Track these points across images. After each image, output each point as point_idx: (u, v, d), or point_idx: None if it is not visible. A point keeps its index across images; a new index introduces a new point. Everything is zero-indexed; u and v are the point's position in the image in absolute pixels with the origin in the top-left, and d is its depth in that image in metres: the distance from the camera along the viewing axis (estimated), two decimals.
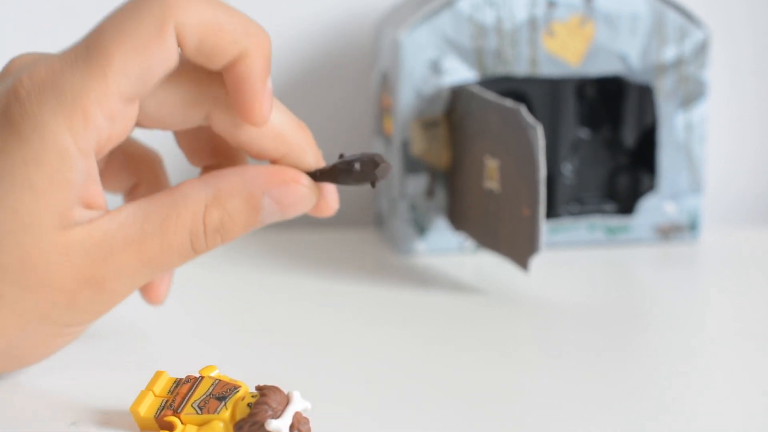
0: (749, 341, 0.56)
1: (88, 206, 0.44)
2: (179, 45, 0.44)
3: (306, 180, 0.47)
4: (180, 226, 0.45)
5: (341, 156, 0.48)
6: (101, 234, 0.44)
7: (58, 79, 0.43)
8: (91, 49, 0.44)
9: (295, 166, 0.48)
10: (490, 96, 0.64)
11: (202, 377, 0.43)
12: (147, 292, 0.52)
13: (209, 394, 0.42)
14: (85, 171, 0.44)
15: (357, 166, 0.47)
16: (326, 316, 0.58)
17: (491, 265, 0.66)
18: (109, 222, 0.45)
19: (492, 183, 0.63)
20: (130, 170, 0.53)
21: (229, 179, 0.46)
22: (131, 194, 0.53)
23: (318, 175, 0.48)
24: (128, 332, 0.54)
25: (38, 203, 0.43)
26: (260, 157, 0.48)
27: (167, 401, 0.42)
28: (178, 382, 0.43)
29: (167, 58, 0.44)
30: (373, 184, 0.47)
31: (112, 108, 0.43)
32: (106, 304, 0.45)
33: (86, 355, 0.50)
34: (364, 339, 0.55)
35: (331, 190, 0.49)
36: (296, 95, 0.77)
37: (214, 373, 0.44)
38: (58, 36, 0.74)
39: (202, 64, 0.45)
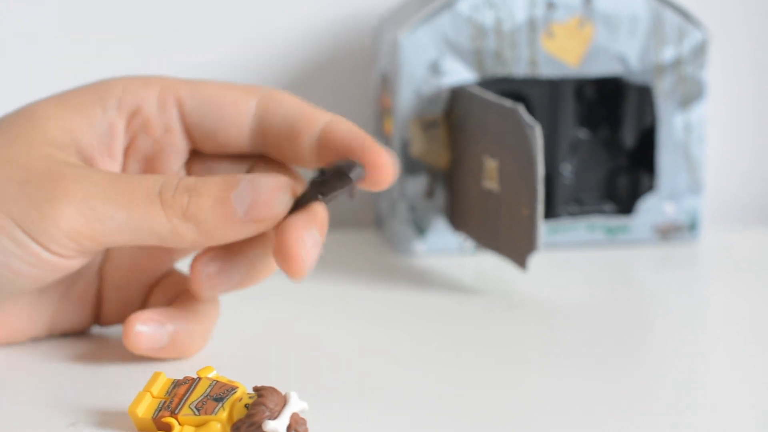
0: (749, 341, 0.56)
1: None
2: None
3: (286, 180, 0.46)
4: (158, 175, 0.45)
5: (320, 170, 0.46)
6: (88, 167, 0.46)
7: None
8: None
9: None
10: (490, 97, 0.64)
11: (199, 378, 0.43)
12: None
13: (207, 395, 0.42)
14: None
15: (328, 176, 0.45)
16: (325, 317, 0.58)
17: (491, 266, 0.66)
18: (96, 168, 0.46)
19: (491, 183, 0.63)
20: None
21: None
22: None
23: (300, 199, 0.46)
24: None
25: None
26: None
27: (165, 402, 0.42)
28: (175, 383, 0.43)
29: None
30: (350, 194, 0.45)
31: None
32: (59, 221, 0.44)
33: (85, 355, 0.50)
34: (363, 339, 0.55)
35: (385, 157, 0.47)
36: (296, 95, 0.77)
37: (211, 374, 0.44)
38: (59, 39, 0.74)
39: None
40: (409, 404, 0.46)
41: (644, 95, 0.71)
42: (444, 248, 0.69)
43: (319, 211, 0.46)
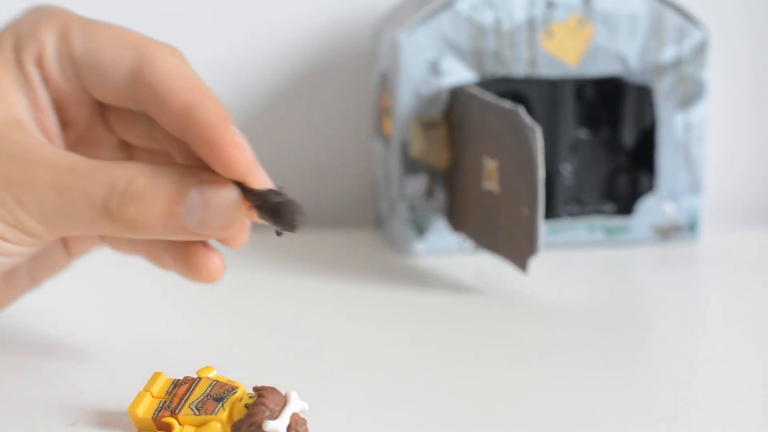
0: (749, 341, 0.56)
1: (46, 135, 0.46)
2: None
3: (236, 193, 0.44)
4: (106, 176, 0.43)
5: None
6: (39, 143, 0.44)
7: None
8: None
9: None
10: (489, 97, 0.64)
11: (199, 378, 0.43)
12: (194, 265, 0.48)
13: (207, 395, 0.42)
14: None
15: (272, 202, 0.43)
16: (325, 317, 0.58)
17: (490, 266, 0.66)
18: (50, 145, 0.45)
19: (491, 184, 0.63)
20: None
21: (170, 166, 0.44)
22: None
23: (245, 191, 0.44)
24: (126, 333, 0.54)
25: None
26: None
27: (165, 402, 0.42)
28: (175, 383, 0.43)
29: None
30: (278, 232, 0.43)
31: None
32: (8, 215, 0.44)
33: (84, 356, 0.50)
34: (363, 339, 0.55)
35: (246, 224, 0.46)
36: (295, 95, 0.77)
37: (211, 374, 0.44)
38: None
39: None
40: (408, 404, 0.46)
41: (644, 95, 0.71)
42: (444, 248, 0.69)
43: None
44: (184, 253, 0.47)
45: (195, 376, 0.43)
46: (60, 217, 0.44)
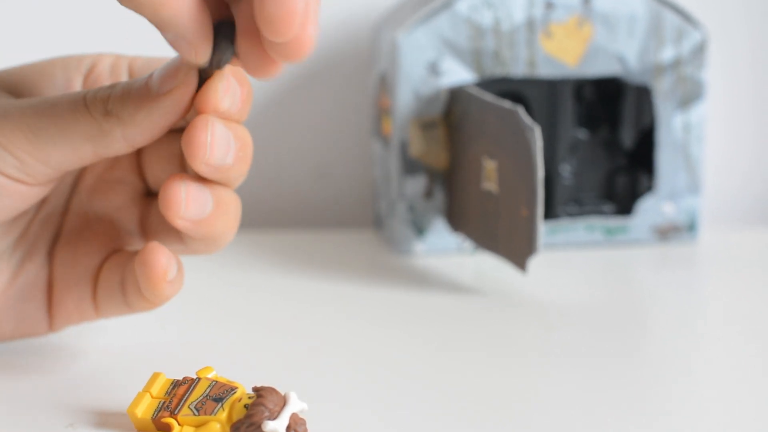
0: (749, 341, 0.56)
1: None
2: None
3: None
4: (81, 68, 0.47)
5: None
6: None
7: None
8: None
9: None
10: (488, 97, 0.64)
11: (199, 378, 0.43)
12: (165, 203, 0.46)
13: (206, 396, 0.42)
14: None
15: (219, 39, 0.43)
16: (324, 317, 0.58)
17: (490, 266, 0.66)
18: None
19: (490, 184, 0.63)
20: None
21: None
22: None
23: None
24: (125, 333, 0.54)
25: None
26: None
27: (164, 402, 0.42)
28: (175, 384, 0.43)
29: None
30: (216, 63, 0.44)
31: None
32: (9, 146, 0.45)
33: (83, 356, 0.50)
34: (363, 340, 0.55)
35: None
36: (295, 95, 0.77)
37: (211, 375, 0.44)
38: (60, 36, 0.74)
39: None
40: (408, 404, 0.46)
41: (643, 95, 0.71)
42: (443, 248, 0.69)
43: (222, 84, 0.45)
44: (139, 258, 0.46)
45: (194, 377, 0.43)
46: (42, 122, 0.45)
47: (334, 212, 0.79)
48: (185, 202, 0.45)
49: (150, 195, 0.50)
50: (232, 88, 0.45)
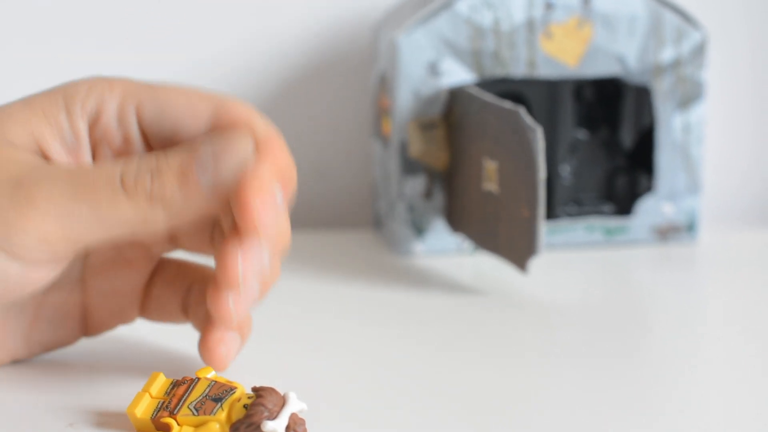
0: (748, 341, 0.56)
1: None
2: None
3: (248, 140, 0.44)
4: (117, 162, 0.44)
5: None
6: (55, 156, 0.45)
7: None
8: None
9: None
10: (488, 97, 0.64)
11: (198, 378, 0.43)
12: (206, 351, 0.47)
13: (205, 396, 0.42)
14: None
15: None
16: (324, 318, 0.58)
17: (489, 266, 0.66)
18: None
19: (491, 184, 0.63)
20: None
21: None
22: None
23: None
24: (125, 334, 0.54)
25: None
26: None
27: (164, 402, 0.42)
28: (174, 384, 0.43)
29: None
30: None
31: None
32: (28, 228, 0.43)
33: (83, 357, 0.50)
34: (362, 340, 0.55)
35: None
36: (295, 96, 0.77)
37: (210, 375, 0.44)
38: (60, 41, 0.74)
39: None
40: (408, 404, 0.46)
41: (643, 96, 0.71)
42: (443, 249, 0.69)
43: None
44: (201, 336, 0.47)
45: (193, 377, 0.43)
46: (83, 208, 0.43)
47: (334, 212, 0.79)
48: (226, 356, 0.47)
49: None
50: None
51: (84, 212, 0.43)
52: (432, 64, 0.68)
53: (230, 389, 0.42)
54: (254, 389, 0.42)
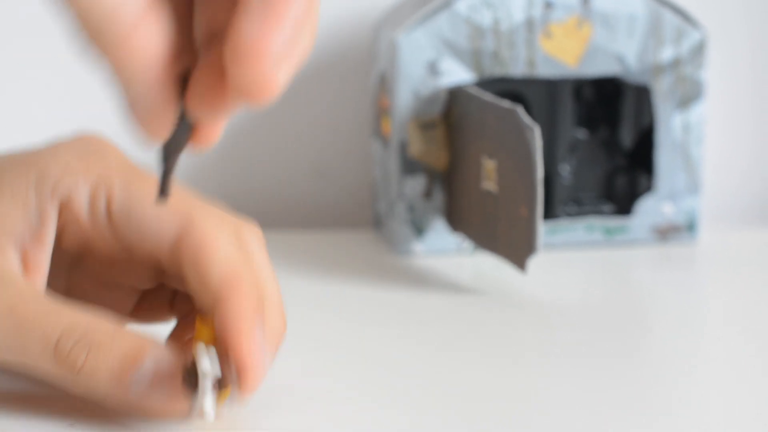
0: (748, 341, 0.56)
1: (25, 265, 0.44)
2: None
3: (182, 382, 0.42)
4: (68, 317, 0.43)
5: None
6: (6, 267, 0.44)
7: None
8: None
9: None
10: (488, 97, 0.64)
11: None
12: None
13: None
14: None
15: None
16: (324, 317, 0.58)
17: (489, 266, 0.66)
18: (20, 274, 0.44)
19: (490, 184, 0.63)
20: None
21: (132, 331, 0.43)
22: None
23: None
24: None
25: None
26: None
27: None
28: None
29: None
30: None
31: None
32: None
33: None
34: (362, 340, 0.55)
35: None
36: (294, 96, 0.77)
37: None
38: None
39: None
40: (408, 404, 0.46)
41: (643, 95, 0.71)
42: (442, 249, 0.69)
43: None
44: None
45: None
46: (8, 342, 0.43)
47: (334, 212, 0.79)
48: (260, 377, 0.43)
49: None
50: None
51: (11, 347, 0.43)
52: (432, 64, 0.68)
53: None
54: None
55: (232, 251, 0.44)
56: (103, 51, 0.33)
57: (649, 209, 0.72)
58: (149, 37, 0.33)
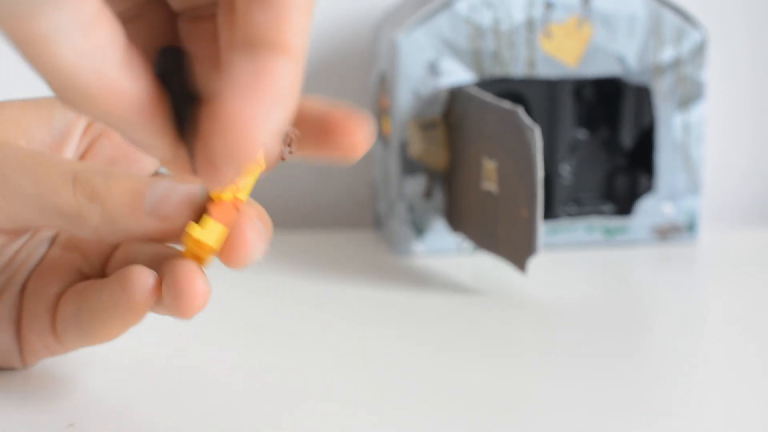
0: (748, 341, 0.56)
1: None
2: None
3: (201, 191, 0.41)
4: (81, 161, 0.42)
5: None
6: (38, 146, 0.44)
7: None
8: None
9: None
10: (488, 97, 0.64)
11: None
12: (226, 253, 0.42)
13: None
14: None
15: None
16: (324, 318, 0.58)
17: (489, 266, 0.66)
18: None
19: (490, 184, 0.63)
20: None
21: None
22: None
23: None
24: (125, 334, 0.54)
25: None
26: None
27: None
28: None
29: None
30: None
31: None
32: None
33: (83, 355, 0.50)
34: (362, 340, 0.55)
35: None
36: None
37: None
38: None
39: None
40: (408, 404, 0.46)
41: (643, 96, 0.71)
42: (443, 249, 0.69)
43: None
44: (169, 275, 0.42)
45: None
46: (21, 180, 0.42)
47: (334, 212, 0.79)
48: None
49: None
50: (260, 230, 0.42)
51: (26, 187, 0.42)
52: (432, 64, 0.68)
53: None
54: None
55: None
56: (85, 110, 0.33)
57: (649, 209, 0.72)
58: (130, 88, 0.33)
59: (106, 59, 0.32)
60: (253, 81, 0.33)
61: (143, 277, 0.42)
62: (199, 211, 0.41)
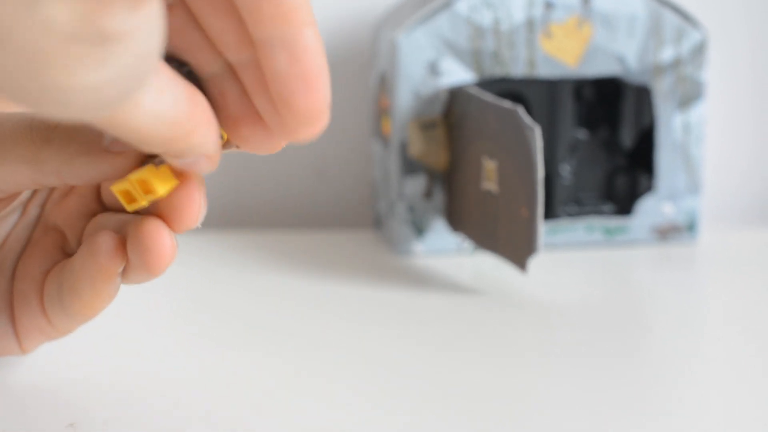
0: (748, 341, 0.56)
1: None
2: None
3: None
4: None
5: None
6: None
7: None
8: None
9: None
10: (488, 97, 0.64)
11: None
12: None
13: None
14: None
15: None
16: (324, 318, 0.58)
17: (489, 266, 0.66)
18: None
19: (490, 184, 0.63)
20: None
21: None
22: None
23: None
24: (125, 334, 0.54)
25: None
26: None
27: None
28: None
29: None
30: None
31: None
32: None
33: (83, 355, 0.50)
34: (362, 340, 0.55)
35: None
36: None
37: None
38: None
39: None
40: (408, 404, 0.46)
41: (643, 95, 0.71)
42: (443, 249, 0.69)
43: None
44: (134, 232, 0.42)
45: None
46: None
47: (334, 212, 0.79)
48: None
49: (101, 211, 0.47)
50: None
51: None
52: (432, 64, 0.68)
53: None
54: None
55: None
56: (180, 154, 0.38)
57: (650, 209, 0.72)
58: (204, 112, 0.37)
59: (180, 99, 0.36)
60: (303, 50, 0.37)
61: (108, 237, 0.42)
62: (153, 156, 0.41)
